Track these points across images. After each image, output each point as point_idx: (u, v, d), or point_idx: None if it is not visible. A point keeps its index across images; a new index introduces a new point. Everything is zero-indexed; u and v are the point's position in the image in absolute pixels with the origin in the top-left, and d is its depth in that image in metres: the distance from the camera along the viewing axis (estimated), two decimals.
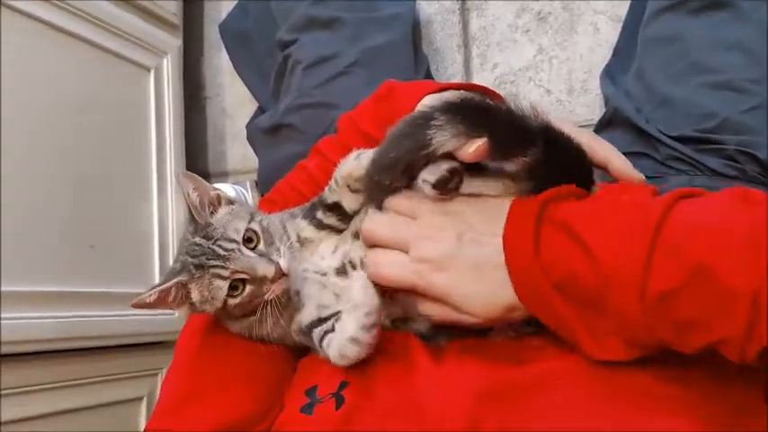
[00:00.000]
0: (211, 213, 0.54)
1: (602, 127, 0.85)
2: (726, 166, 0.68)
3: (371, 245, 0.52)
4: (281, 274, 0.51)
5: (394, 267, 0.50)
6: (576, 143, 0.49)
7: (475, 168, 0.49)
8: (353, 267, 0.55)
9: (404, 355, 0.51)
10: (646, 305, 0.40)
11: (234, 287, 0.51)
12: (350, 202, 0.55)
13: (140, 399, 1.06)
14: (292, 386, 0.54)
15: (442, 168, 0.47)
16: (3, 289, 0.83)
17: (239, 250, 0.51)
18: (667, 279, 0.39)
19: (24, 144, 0.90)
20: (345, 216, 0.56)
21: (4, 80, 0.87)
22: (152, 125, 1.15)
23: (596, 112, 1.03)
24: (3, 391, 0.82)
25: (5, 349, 0.82)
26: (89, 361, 0.96)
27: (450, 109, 0.45)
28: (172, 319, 1.02)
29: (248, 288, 0.51)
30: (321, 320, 0.53)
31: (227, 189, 1.18)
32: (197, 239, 0.52)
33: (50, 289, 0.91)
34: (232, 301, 0.51)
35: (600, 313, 0.43)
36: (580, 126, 1.03)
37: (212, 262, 0.50)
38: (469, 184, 0.50)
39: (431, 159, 0.47)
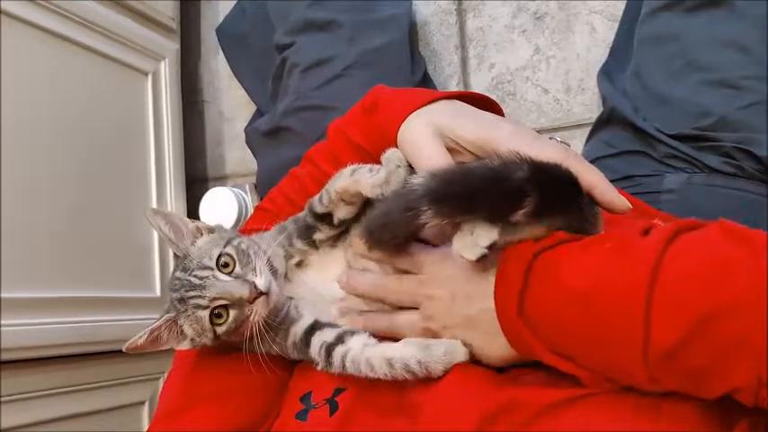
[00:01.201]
0: (192, 245, 0.53)
1: (600, 126, 0.85)
2: (724, 163, 0.68)
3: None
4: (257, 294, 0.49)
5: (410, 328, 0.51)
6: (565, 168, 0.48)
7: None
8: None
9: None
10: (649, 361, 0.39)
11: (218, 315, 0.50)
12: (343, 213, 0.54)
13: (142, 403, 1.06)
14: (288, 392, 0.54)
15: (480, 246, 0.46)
16: (3, 295, 0.83)
17: (213, 276, 0.50)
18: (670, 333, 0.38)
19: (23, 149, 0.90)
20: (333, 225, 0.55)
21: (3, 86, 0.87)
22: (150, 129, 1.15)
23: (594, 111, 1.04)
24: (3, 398, 0.82)
25: (6, 356, 0.82)
26: (90, 366, 0.96)
27: (435, 200, 0.44)
28: None
29: (231, 313, 0.50)
30: (318, 325, 0.52)
31: (225, 192, 1.18)
32: (177, 273, 0.51)
33: (50, 295, 0.91)
34: (220, 330, 0.50)
35: (601, 366, 0.43)
36: (579, 126, 1.04)
37: (190, 293, 0.50)
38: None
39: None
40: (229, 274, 0.51)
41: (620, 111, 0.79)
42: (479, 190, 0.45)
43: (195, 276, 0.50)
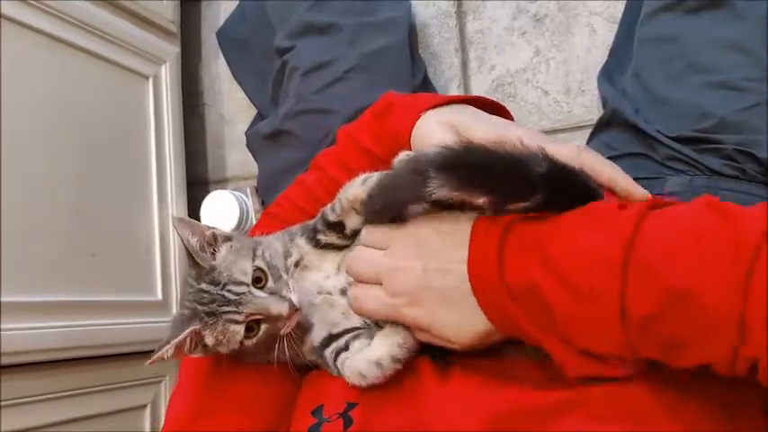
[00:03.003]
0: (212, 254, 0.52)
1: (601, 127, 0.85)
2: (725, 165, 0.68)
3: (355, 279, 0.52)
4: (294, 310, 0.50)
5: (371, 302, 0.49)
6: (583, 179, 0.47)
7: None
8: None
9: (411, 373, 0.50)
10: (629, 328, 0.39)
11: (249, 328, 0.50)
12: (354, 222, 0.54)
13: (144, 407, 1.06)
14: (298, 405, 0.54)
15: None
16: (3, 299, 0.83)
17: (250, 293, 0.50)
18: (646, 303, 0.38)
19: (24, 153, 0.90)
20: (345, 234, 0.56)
21: (3, 90, 0.87)
22: (151, 133, 1.15)
23: (594, 113, 1.04)
24: (4, 402, 0.82)
25: (6, 360, 0.82)
26: (92, 370, 0.96)
27: (447, 166, 0.43)
28: None
29: (263, 327, 0.50)
30: (333, 337, 0.53)
31: (226, 195, 1.18)
32: (203, 286, 0.50)
33: (51, 299, 0.91)
34: (248, 342, 0.51)
35: (576, 335, 0.42)
36: (580, 127, 1.04)
37: (224, 308, 0.49)
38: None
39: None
40: (262, 288, 0.51)
41: (621, 112, 0.79)
42: (496, 169, 0.43)
43: (230, 292, 0.50)
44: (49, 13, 0.96)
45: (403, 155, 0.52)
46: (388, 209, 0.48)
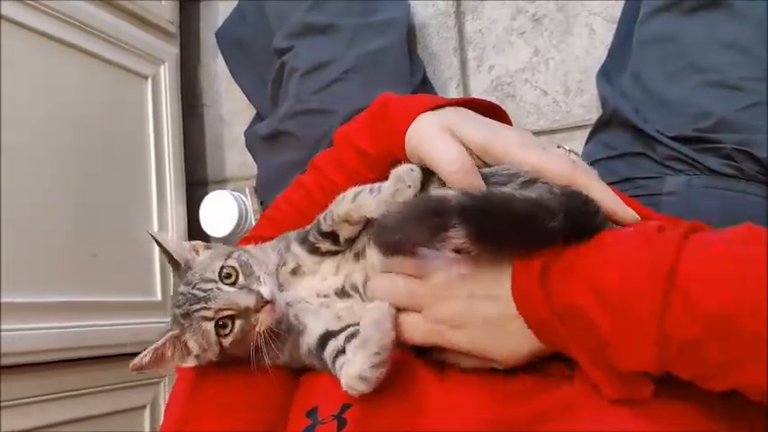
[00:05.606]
0: (192, 260, 0.54)
1: (600, 127, 0.85)
2: (724, 165, 0.68)
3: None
4: (263, 302, 0.50)
5: (414, 330, 0.50)
6: (594, 221, 0.48)
7: None
8: (355, 290, 0.55)
9: (408, 374, 0.51)
10: (665, 350, 0.40)
11: (223, 325, 0.50)
12: (347, 233, 0.55)
13: (143, 407, 1.06)
14: (293, 406, 0.54)
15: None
16: (3, 300, 0.83)
17: (218, 288, 0.50)
18: (685, 326, 0.39)
19: (24, 154, 0.90)
20: (339, 242, 0.56)
21: (3, 90, 0.87)
22: (150, 133, 1.15)
23: (593, 113, 1.04)
24: (4, 403, 0.82)
25: (6, 360, 0.82)
26: (91, 371, 0.96)
27: (471, 217, 0.44)
28: None
29: (237, 323, 0.50)
30: (330, 334, 0.52)
31: (225, 196, 1.18)
32: (180, 288, 0.52)
33: (52, 299, 0.91)
34: (226, 341, 0.50)
35: (615, 355, 0.43)
36: (579, 127, 1.04)
37: (195, 306, 0.50)
38: None
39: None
40: (233, 284, 0.51)
41: (620, 112, 0.79)
42: (514, 227, 0.45)
43: (199, 289, 0.50)
44: (48, 13, 0.96)
45: (403, 170, 0.52)
46: (401, 247, 0.49)
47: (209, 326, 0.50)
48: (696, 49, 0.72)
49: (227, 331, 0.50)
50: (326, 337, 0.52)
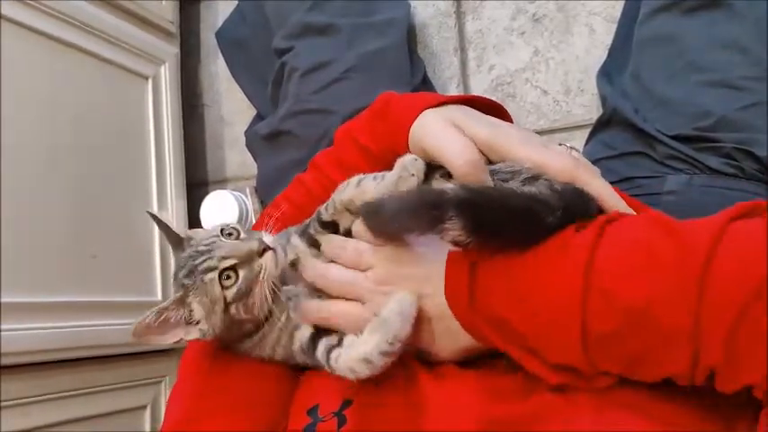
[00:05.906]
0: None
1: (600, 127, 0.85)
2: (724, 164, 0.68)
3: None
4: (265, 245, 0.51)
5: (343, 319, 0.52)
6: (592, 209, 0.49)
7: None
8: None
9: (406, 372, 0.51)
10: (588, 345, 0.42)
11: (227, 277, 0.50)
12: (348, 222, 0.54)
13: (144, 407, 1.06)
14: (294, 404, 0.54)
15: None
16: (3, 300, 0.83)
17: (220, 240, 0.52)
18: (605, 321, 0.41)
19: (24, 154, 0.90)
20: (339, 233, 0.56)
21: (3, 90, 0.87)
22: (151, 133, 1.15)
23: (593, 113, 1.04)
24: (3, 403, 0.82)
25: (6, 360, 0.82)
26: (92, 371, 0.96)
27: (468, 210, 0.44)
28: None
29: (241, 273, 0.50)
30: (321, 332, 0.52)
31: (226, 195, 1.18)
32: (181, 255, 0.53)
33: (52, 299, 0.91)
34: (230, 293, 0.50)
35: (546, 354, 0.45)
36: (579, 127, 1.04)
37: (198, 260, 0.51)
38: None
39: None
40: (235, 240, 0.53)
41: (620, 112, 0.79)
42: (511, 221, 0.46)
43: (203, 245, 0.51)
44: (48, 13, 0.96)
45: (408, 160, 0.51)
46: (396, 234, 0.50)
47: (213, 276, 0.50)
48: (696, 48, 0.72)
49: (231, 282, 0.50)
50: (319, 332, 0.52)
